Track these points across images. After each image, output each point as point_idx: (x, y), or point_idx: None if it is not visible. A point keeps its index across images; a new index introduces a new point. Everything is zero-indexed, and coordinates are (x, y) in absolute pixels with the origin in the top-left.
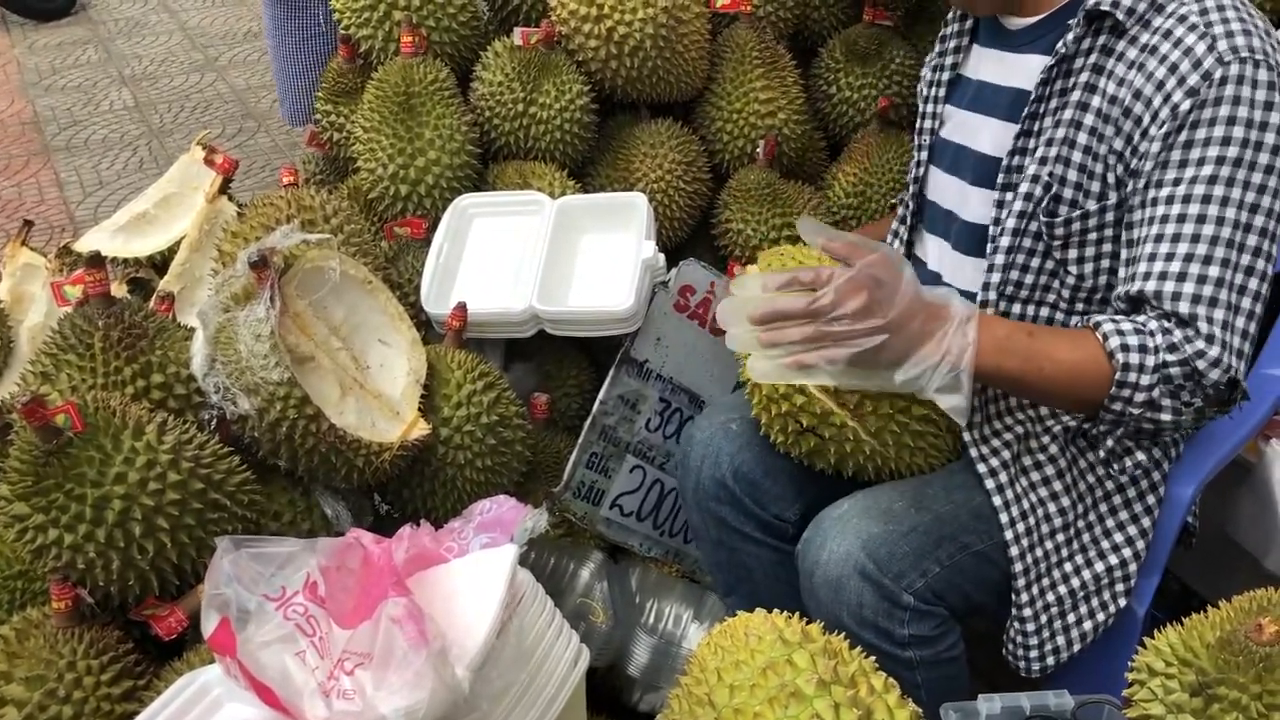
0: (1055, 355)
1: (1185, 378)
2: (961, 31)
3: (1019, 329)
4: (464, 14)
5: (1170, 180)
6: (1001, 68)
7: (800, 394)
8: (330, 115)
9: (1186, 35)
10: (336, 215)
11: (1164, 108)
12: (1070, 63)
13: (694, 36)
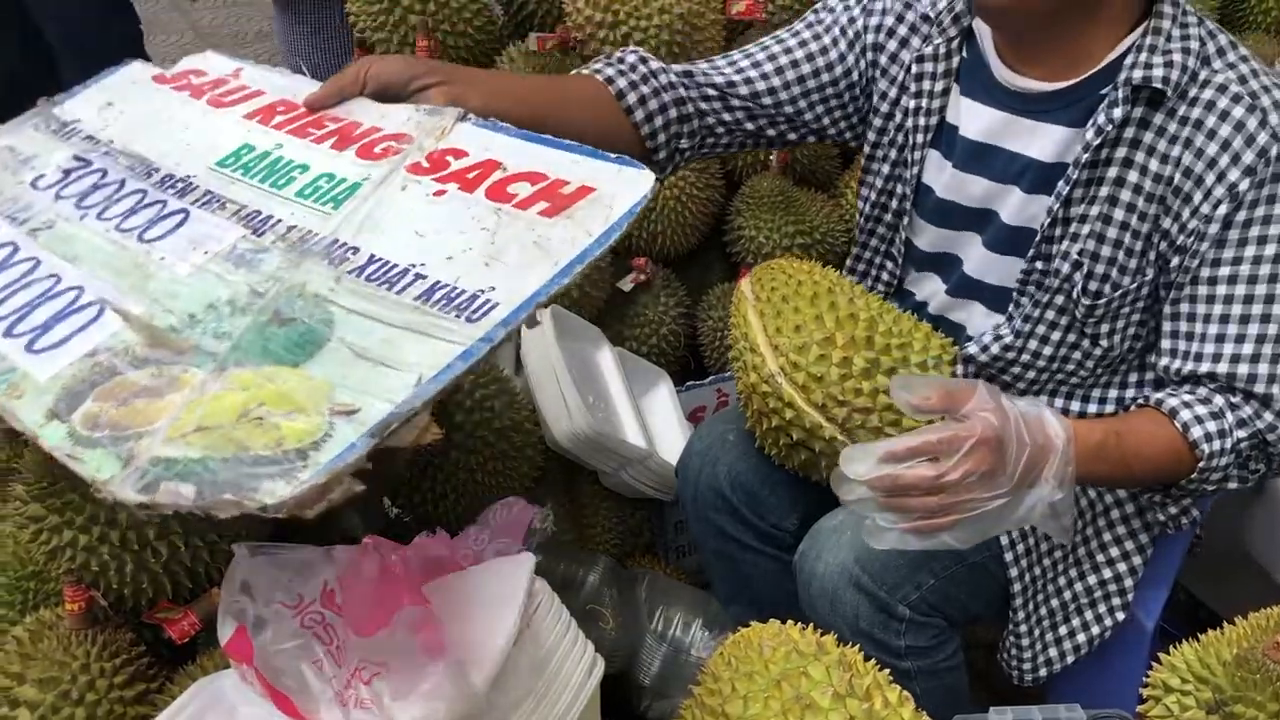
0: (1144, 454)
1: (1253, 449)
2: (947, 72)
3: (1109, 433)
4: (479, 18)
5: (1230, 259)
6: (1012, 132)
7: (789, 408)
8: None
9: (1234, 108)
10: None
11: (1219, 186)
12: (1116, 146)
13: (709, 44)
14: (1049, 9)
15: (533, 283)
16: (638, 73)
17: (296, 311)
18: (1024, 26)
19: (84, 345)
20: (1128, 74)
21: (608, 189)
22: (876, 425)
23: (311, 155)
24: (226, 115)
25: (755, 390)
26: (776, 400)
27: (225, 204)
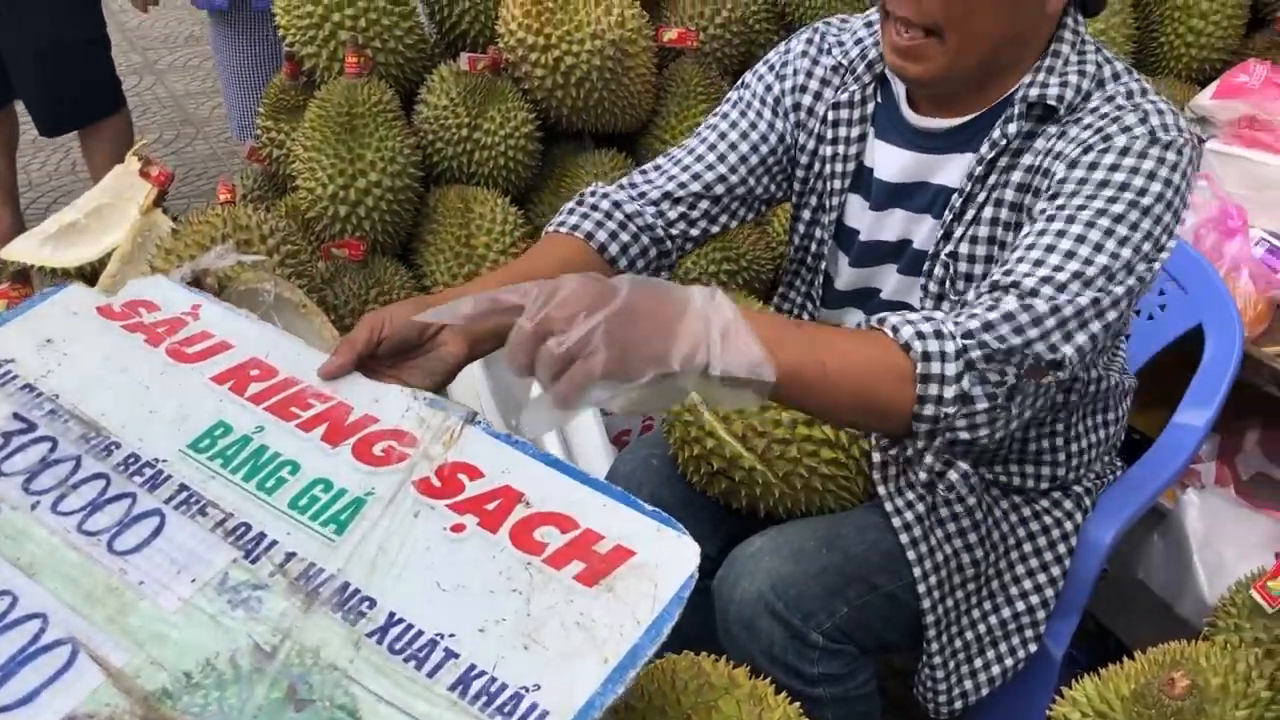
0: (839, 347)
1: (989, 359)
2: (862, 118)
3: (790, 320)
4: (410, 36)
5: (1073, 192)
6: (924, 168)
7: (710, 437)
8: (271, 132)
9: (1114, 110)
10: (273, 235)
11: (1084, 156)
12: (999, 159)
13: (640, 70)
14: (959, 82)
15: (583, 688)
16: (614, 219)
17: (314, 689)
18: (941, 90)
19: (58, 705)
20: (1024, 92)
21: (649, 556)
22: (795, 456)
23: (301, 449)
24: (192, 375)
25: (678, 418)
26: (698, 429)
27: (206, 507)
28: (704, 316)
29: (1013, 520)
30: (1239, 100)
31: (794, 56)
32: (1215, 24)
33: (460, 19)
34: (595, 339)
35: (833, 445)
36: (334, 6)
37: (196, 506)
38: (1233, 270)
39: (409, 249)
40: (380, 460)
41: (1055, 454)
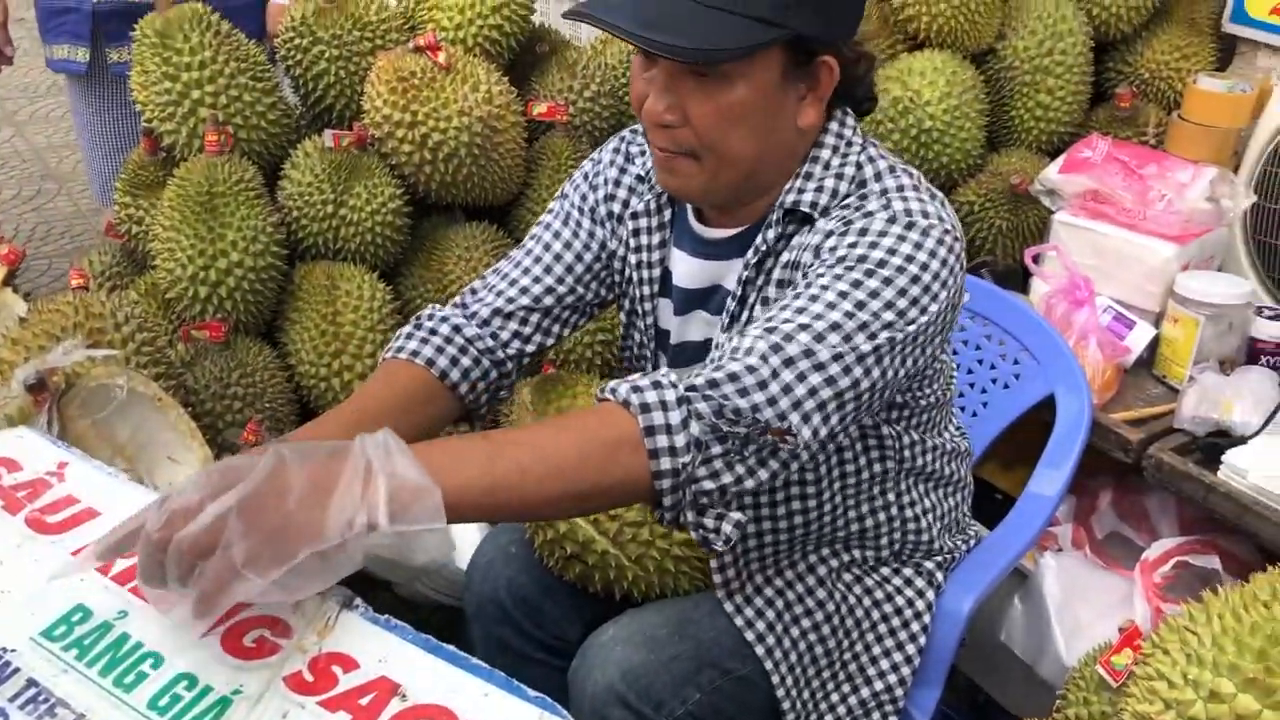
0: (542, 439)
1: (717, 413)
2: (661, 226)
3: (481, 436)
4: (274, 112)
5: (804, 283)
6: (712, 274)
7: (564, 522)
8: (129, 208)
9: (863, 203)
10: (128, 323)
11: (820, 238)
12: (764, 262)
13: (510, 144)
14: (722, 195)
15: None
16: (454, 344)
17: None
18: (706, 203)
19: None
20: (782, 198)
21: None
22: (647, 539)
23: (166, 638)
24: (52, 549)
25: None
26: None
27: (55, 707)
28: (360, 472)
29: (866, 604)
30: (1083, 175)
31: (604, 166)
32: (1061, 99)
33: (325, 94)
34: (229, 528)
35: None
36: (193, 83)
37: (45, 706)
38: (1081, 339)
39: (274, 327)
40: (251, 653)
41: (892, 525)
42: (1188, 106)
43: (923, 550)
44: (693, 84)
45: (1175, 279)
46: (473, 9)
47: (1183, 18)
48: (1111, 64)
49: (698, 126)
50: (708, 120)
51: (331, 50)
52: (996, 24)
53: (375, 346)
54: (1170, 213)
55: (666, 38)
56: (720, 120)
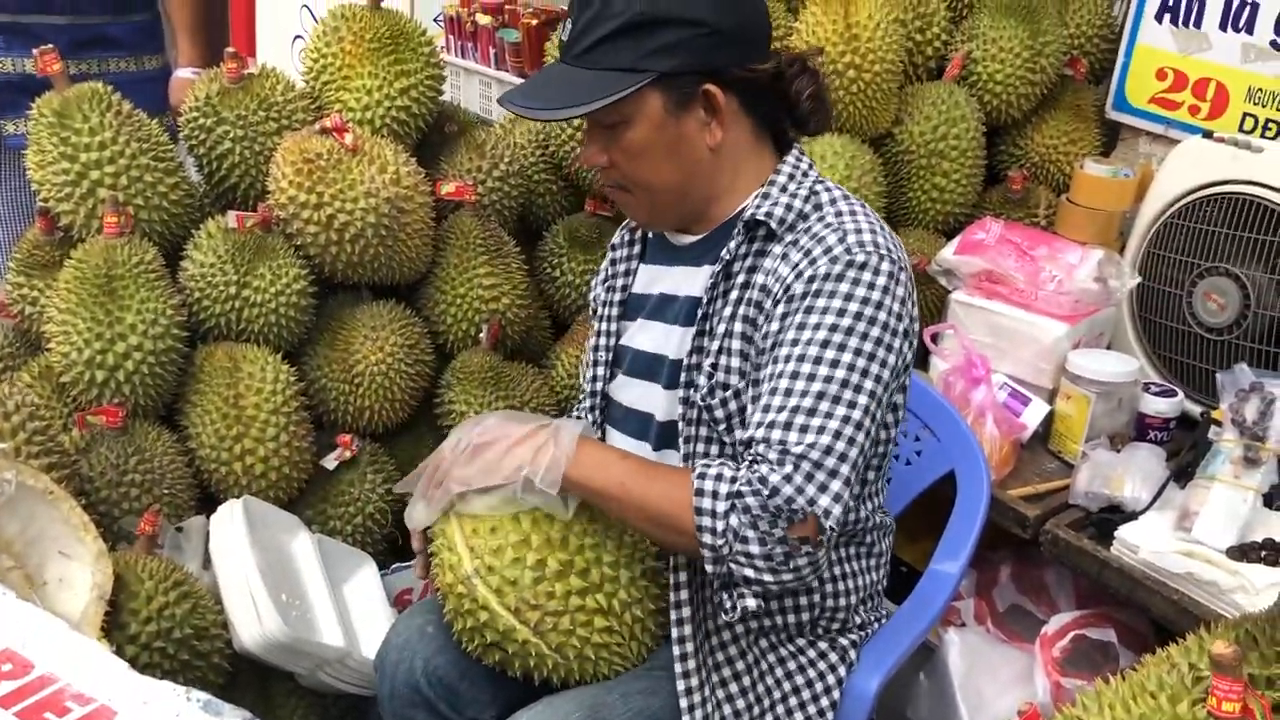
0: (645, 475)
1: (762, 507)
2: (630, 256)
3: (626, 456)
4: (175, 192)
5: (790, 340)
6: (675, 279)
7: (484, 610)
8: (23, 288)
9: (823, 230)
10: (19, 411)
11: (797, 283)
12: (731, 267)
13: (417, 224)
14: (669, 216)
15: None
16: None
17: None
18: (658, 223)
19: None
20: (746, 214)
21: None
22: (568, 628)
23: None
24: None
25: (452, 590)
26: (472, 602)
27: None
28: (535, 444)
29: (779, 674)
30: (977, 256)
31: (604, 263)
32: (956, 182)
33: (229, 174)
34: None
35: (605, 613)
36: (93, 163)
37: None
38: (979, 416)
39: (173, 410)
40: None
41: (812, 595)
42: (1075, 190)
43: (839, 624)
44: (604, 133)
45: (1067, 357)
46: (380, 90)
47: (1069, 104)
48: (1003, 147)
49: (618, 165)
50: (620, 159)
51: (236, 130)
52: (893, 110)
53: (279, 429)
54: (1061, 293)
55: (543, 103)
56: (628, 158)
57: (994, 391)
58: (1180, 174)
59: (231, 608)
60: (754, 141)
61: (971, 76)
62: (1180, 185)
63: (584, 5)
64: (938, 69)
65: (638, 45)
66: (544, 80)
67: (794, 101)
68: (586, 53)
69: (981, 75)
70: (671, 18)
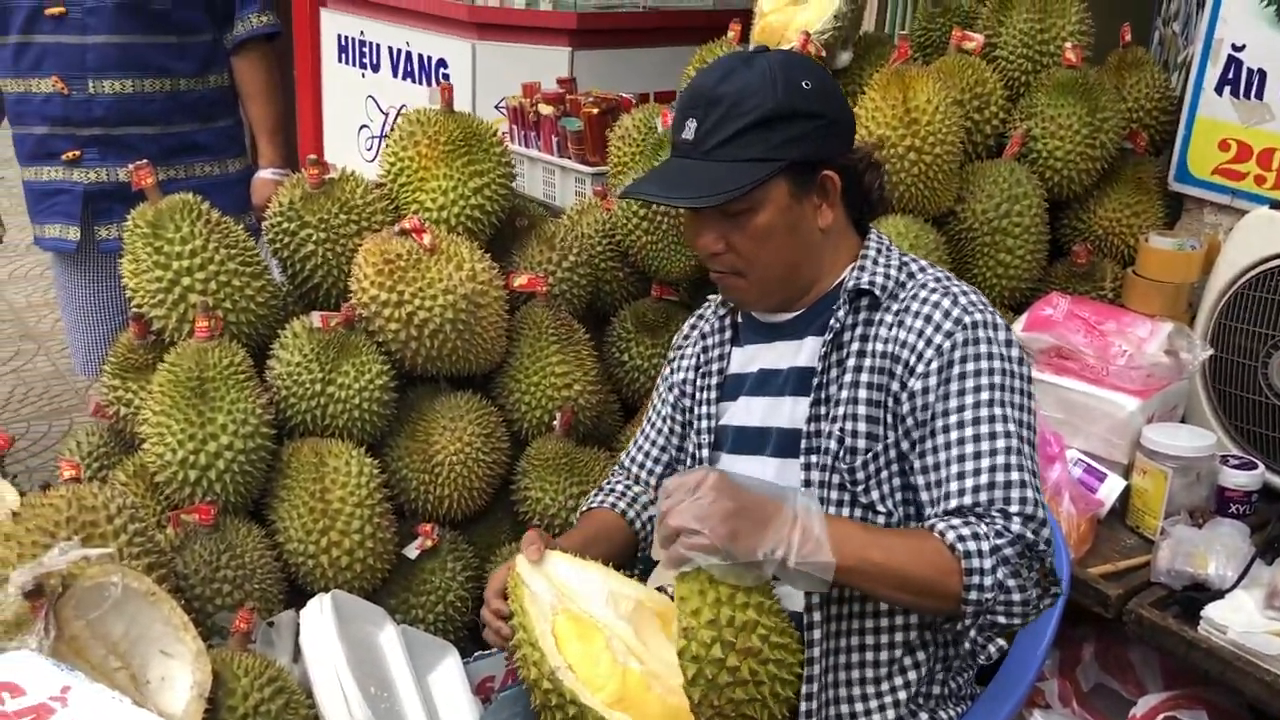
0: (895, 547)
1: (1020, 555)
2: (722, 341)
3: (863, 527)
4: (262, 294)
5: (955, 408)
6: (776, 353)
7: (573, 704)
8: (119, 390)
9: (932, 295)
10: (120, 514)
11: (928, 349)
12: (841, 336)
13: (492, 317)
14: (776, 296)
15: None
16: (627, 496)
17: None
18: (763, 305)
19: None
20: (848, 284)
21: None
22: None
23: None
24: None
25: (537, 685)
26: (559, 697)
27: None
28: (790, 520)
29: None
30: (1046, 333)
31: (680, 339)
32: (1020, 258)
33: (312, 274)
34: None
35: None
36: (184, 270)
37: None
38: (1055, 495)
39: (261, 505)
40: None
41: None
42: (1141, 263)
43: (936, 697)
44: (726, 220)
45: (1141, 432)
46: (455, 190)
47: (1131, 177)
48: (1066, 221)
49: (738, 250)
50: (744, 244)
51: (319, 233)
52: (954, 189)
53: (363, 521)
54: (1132, 367)
55: (683, 194)
56: (753, 242)
57: (1068, 468)
58: (1249, 245)
59: (323, 702)
60: (846, 223)
61: (1031, 153)
62: (1249, 256)
63: (711, 105)
64: (997, 147)
65: (767, 138)
66: (673, 173)
67: (868, 188)
68: (718, 148)
69: (1041, 152)
70: (797, 112)
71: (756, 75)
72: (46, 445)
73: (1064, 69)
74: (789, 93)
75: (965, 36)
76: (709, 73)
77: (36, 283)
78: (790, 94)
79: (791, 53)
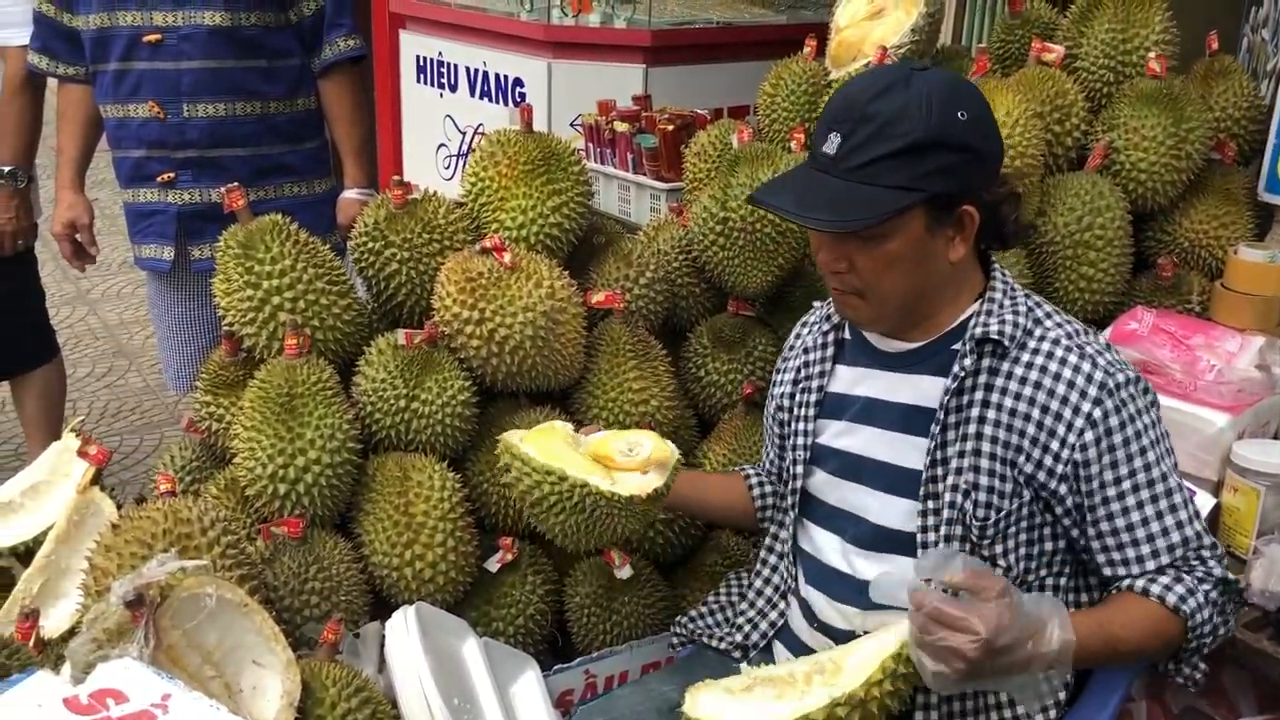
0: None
1: (1221, 594)
2: (825, 358)
3: (1094, 625)
4: (348, 312)
5: (1126, 475)
6: (887, 385)
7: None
8: (210, 405)
9: (1069, 356)
10: (214, 527)
11: (1077, 419)
12: (964, 383)
13: (571, 334)
14: (893, 320)
15: None
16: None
17: None
18: (879, 329)
19: None
20: (972, 331)
21: None
22: None
23: None
24: None
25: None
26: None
27: None
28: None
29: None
30: (1131, 348)
31: (786, 350)
32: (1103, 271)
33: (396, 292)
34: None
35: None
36: (274, 290)
37: None
38: None
39: (347, 519)
40: None
41: None
42: (1230, 276)
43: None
44: (854, 240)
45: (1231, 448)
46: (534, 209)
47: (1218, 188)
48: (1151, 234)
49: (861, 273)
50: (868, 268)
51: (403, 253)
52: (1035, 203)
53: (446, 534)
54: (1221, 382)
55: (819, 214)
56: (878, 268)
57: None
58: None
59: (408, 713)
60: (974, 257)
61: (1114, 165)
62: None
63: (860, 121)
64: (1078, 159)
65: (914, 166)
66: (808, 187)
67: (1004, 219)
68: (861, 168)
69: (1125, 164)
70: (949, 143)
71: (914, 98)
72: (138, 459)
73: (1147, 79)
74: (943, 122)
75: (1045, 48)
76: (865, 85)
77: (128, 300)
78: (944, 123)
79: (956, 78)
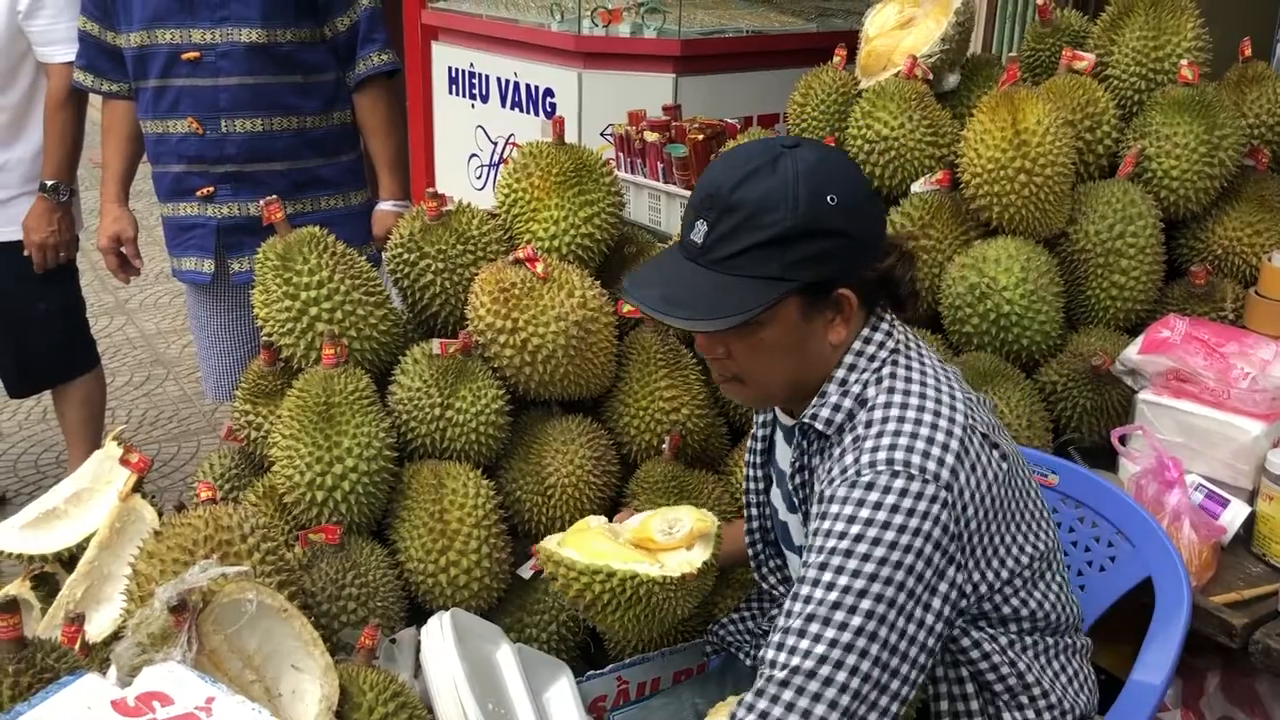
0: None
1: None
2: (765, 423)
3: None
4: (384, 323)
5: (812, 551)
6: (782, 454)
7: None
8: (249, 414)
9: (849, 448)
10: (254, 534)
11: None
12: (803, 459)
13: (602, 343)
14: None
15: None
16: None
17: None
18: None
19: None
20: (802, 418)
21: None
22: None
23: None
24: None
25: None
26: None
27: None
28: None
29: None
30: (1163, 355)
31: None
32: (1135, 279)
33: (431, 303)
34: None
35: None
36: (311, 301)
37: None
38: (1174, 521)
39: (384, 525)
40: None
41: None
42: (1264, 283)
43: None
44: (730, 330)
45: (1267, 456)
46: (566, 220)
47: (1252, 195)
48: (1183, 241)
49: (739, 360)
50: (745, 356)
51: (437, 264)
52: (1067, 210)
53: (480, 542)
54: (1255, 390)
55: (684, 312)
56: (755, 355)
57: (1189, 494)
58: None
59: (443, 717)
60: (862, 328)
61: (1146, 173)
62: None
63: (726, 211)
64: (1110, 167)
65: (783, 256)
66: (678, 279)
67: (897, 284)
68: (728, 259)
69: (1157, 171)
70: (818, 229)
71: (778, 184)
72: (175, 466)
73: (1179, 86)
74: (811, 208)
75: (1076, 56)
76: (729, 169)
77: (166, 310)
78: (812, 210)
79: (825, 156)
